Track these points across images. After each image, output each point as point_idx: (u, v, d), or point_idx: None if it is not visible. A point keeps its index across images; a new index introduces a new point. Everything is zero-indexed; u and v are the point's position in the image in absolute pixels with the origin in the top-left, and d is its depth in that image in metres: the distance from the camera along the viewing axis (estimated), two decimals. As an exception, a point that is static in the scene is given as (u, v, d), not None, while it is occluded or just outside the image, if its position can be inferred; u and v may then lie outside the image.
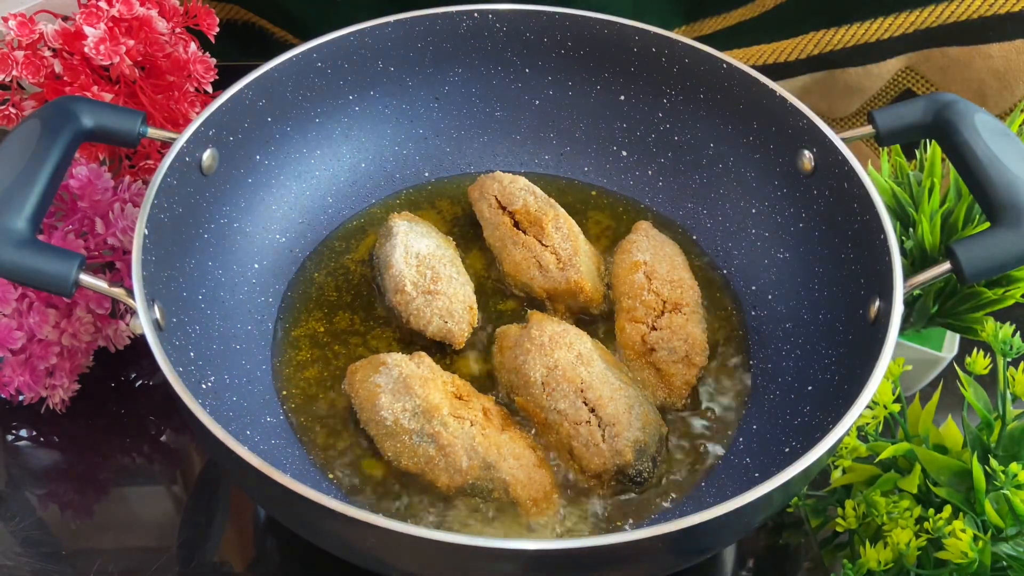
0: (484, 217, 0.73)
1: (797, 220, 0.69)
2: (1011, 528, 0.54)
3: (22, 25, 0.69)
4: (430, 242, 0.69)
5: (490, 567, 0.47)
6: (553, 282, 0.68)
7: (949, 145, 0.60)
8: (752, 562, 0.66)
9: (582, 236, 0.72)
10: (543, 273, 0.69)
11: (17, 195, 0.54)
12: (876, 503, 0.57)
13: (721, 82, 0.72)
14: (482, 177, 0.75)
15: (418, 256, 0.67)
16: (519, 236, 0.70)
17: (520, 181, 0.73)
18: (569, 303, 0.69)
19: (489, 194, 0.73)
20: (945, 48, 0.80)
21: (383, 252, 0.69)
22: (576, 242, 0.70)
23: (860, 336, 0.59)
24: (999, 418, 0.58)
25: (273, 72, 0.68)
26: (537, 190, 0.73)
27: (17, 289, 0.64)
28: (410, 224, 0.70)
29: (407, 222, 0.70)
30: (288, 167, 0.73)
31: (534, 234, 0.70)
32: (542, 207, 0.71)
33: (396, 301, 0.66)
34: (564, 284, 0.68)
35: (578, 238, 0.70)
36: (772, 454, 0.60)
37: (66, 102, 0.60)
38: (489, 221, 0.72)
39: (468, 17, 0.75)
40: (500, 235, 0.71)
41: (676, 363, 0.64)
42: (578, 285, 0.67)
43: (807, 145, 0.67)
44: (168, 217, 0.60)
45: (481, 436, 0.58)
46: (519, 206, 0.71)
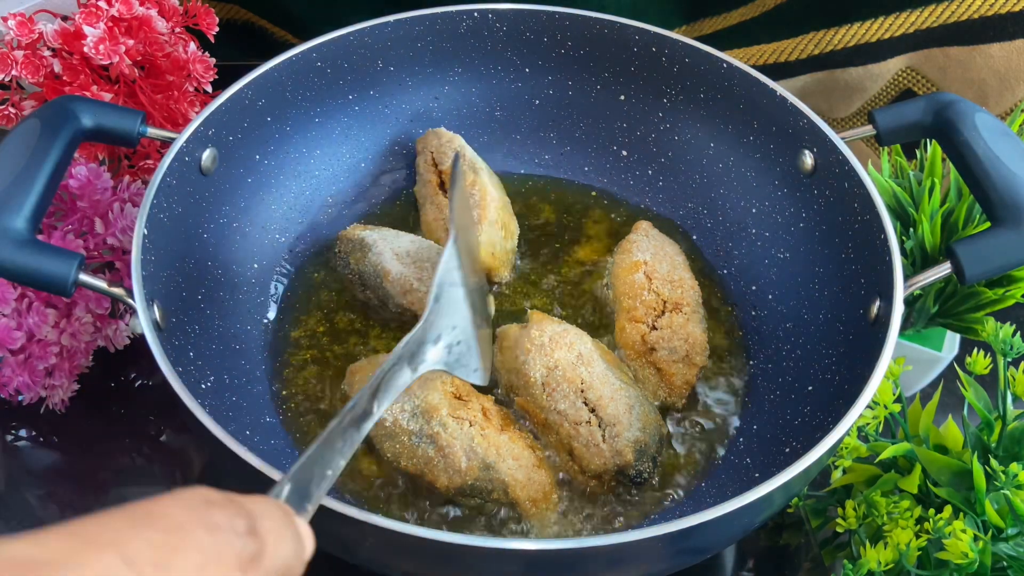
0: (419, 171, 0.74)
1: (797, 220, 0.69)
2: (1011, 528, 0.54)
3: (22, 25, 0.69)
4: (406, 239, 0.69)
5: (490, 567, 0.47)
6: None
7: (949, 145, 0.60)
8: (752, 562, 0.66)
9: (496, 206, 0.71)
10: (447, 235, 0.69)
11: (16, 195, 0.53)
12: (876, 503, 0.57)
13: (721, 82, 0.72)
14: (429, 131, 0.75)
15: (408, 254, 0.67)
16: (438, 196, 0.72)
17: (456, 141, 0.74)
18: None
19: (427, 149, 0.74)
20: (946, 48, 0.80)
21: (369, 264, 0.67)
22: (484, 211, 0.69)
23: (860, 336, 0.59)
24: (999, 418, 0.58)
25: (273, 72, 0.68)
26: (468, 153, 0.73)
27: (16, 289, 0.64)
28: (377, 230, 0.70)
29: (372, 230, 0.69)
30: (288, 167, 0.73)
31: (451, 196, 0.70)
32: (463, 171, 0.71)
33: (408, 302, 0.66)
34: None
35: (488, 207, 0.70)
36: (772, 454, 0.60)
37: (66, 102, 0.59)
38: (421, 176, 0.74)
39: (468, 17, 0.75)
40: (424, 192, 0.73)
41: (676, 363, 0.64)
42: None
43: (807, 145, 0.67)
44: (168, 217, 0.60)
45: (480, 436, 0.58)
46: (446, 166, 0.72)
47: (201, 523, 0.22)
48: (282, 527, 0.24)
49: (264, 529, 0.24)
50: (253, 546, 0.23)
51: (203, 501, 0.23)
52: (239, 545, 0.22)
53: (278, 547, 0.24)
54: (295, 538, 0.25)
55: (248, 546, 0.23)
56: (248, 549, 0.23)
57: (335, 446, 0.39)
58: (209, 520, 0.22)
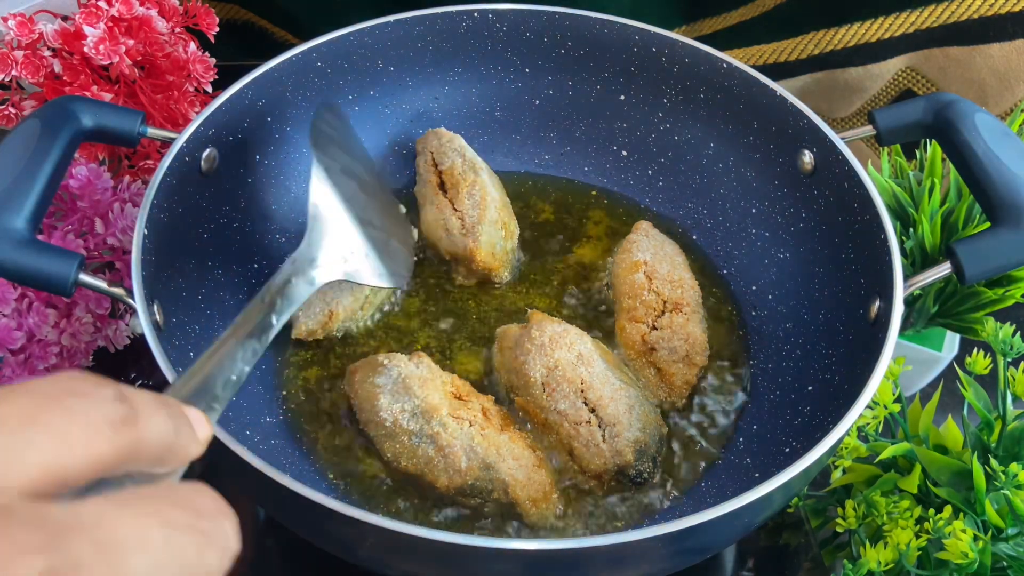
0: (419, 171, 0.74)
1: (797, 220, 0.69)
2: (1011, 528, 0.54)
3: (22, 25, 0.69)
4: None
5: (490, 567, 0.47)
6: (453, 246, 0.70)
7: (949, 145, 0.60)
8: (752, 562, 0.66)
9: (496, 206, 0.71)
10: (448, 236, 0.70)
11: (17, 195, 0.53)
12: (876, 503, 0.57)
13: (721, 82, 0.72)
14: (429, 131, 0.75)
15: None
16: (437, 196, 0.72)
17: (456, 141, 0.74)
18: (469, 268, 0.70)
19: (427, 150, 0.74)
20: (945, 48, 0.80)
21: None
22: (483, 211, 0.70)
23: (860, 336, 0.59)
24: (999, 418, 0.58)
25: (273, 72, 0.68)
26: (469, 153, 0.73)
27: (17, 289, 0.64)
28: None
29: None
30: (288, 167, 0.73)
31: (451, 197, 0.71)
32: (464, 171, 0.71)
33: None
34: (461, 249, 0.69)
35: (487, 208, 0.70)
36: (772, 454, 0.60)
37: (66, 102, 0.59)
38: (421, 176, 0.74)
39: (468, 17, 0.75)
40: (424, 192, 0.73)
41: (676, 363, 0.64)
42: (471, 252, 0.68)
43: (807, 145, 0.67)
44: (168, 217, 0.60)
45: (480, 436, 0.58)
46: (446, 166, 0.72)
47: (68, 390, 0.22)
48: (155, 403, 0.24)
49: (135, 399, 0.23)
50: (123, 409, 0.22)
51: (69, 376, 0.22)
52: (108, 408, 0.22)
53: (152, 417, 0.23)
54: (172, 416, 0.24)
55: (118, 409, 0.22)
56: (118, 411, 0.22)
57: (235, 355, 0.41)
58: (76, 387, 0.22)
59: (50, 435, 0.20)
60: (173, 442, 0.24)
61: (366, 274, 0.60)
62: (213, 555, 0.22)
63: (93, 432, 0.21)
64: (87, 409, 0.21)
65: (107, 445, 0.21)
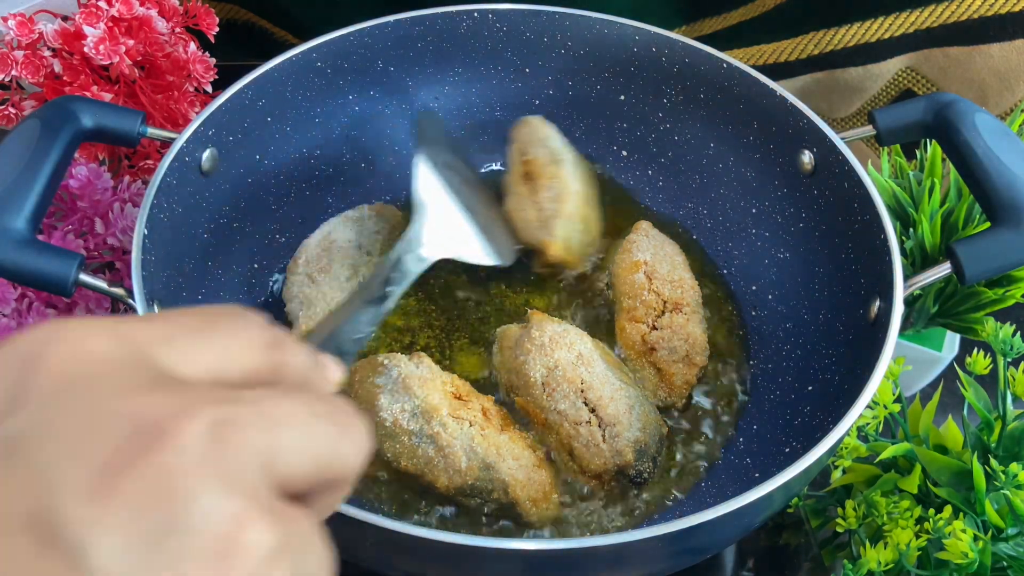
0: (510, 158, 0.74)
1: (797, 220, 0.69)
2: (1011, 528, 0.54)
3: (22, 25, 0.69)
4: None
5: (490, 567, 0.47)
6: (529, 237, 0.69)
7: (949, 145, 0.60)
8: (752, 562, 0.66)
9: (576, 200, 0.71)
10: (524, 226, 0.70)
11: (17, 195, 0.53)
12: (876, 503, 0.57)
13: (721, 82, 0.72)
14: (522, 119, 0.76)
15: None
16: (519, 187, 0.72)
17: (543, 131, 0.74)
18: (543, 260, 0.70)
19: (518, 138, 0.74)
20: (945, 48, 0.80)
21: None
22: (562, 205, 0.69)
23: (860, 336, 0.59)
24: (999, 418, 0.58)
25: (273, 72, 0.68)
26: (554, 144, 0.73)
27: (17, 289, 0.64)
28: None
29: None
30: (288, 167, 0.73)
31: (532, 188, 0.71)
32: (546, 163, 0.71)
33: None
34: (535, 242, 0.69)
35: (566, 201, 0.70)
36: (772, 454, 0.60)
37: (66, 102, 0.59)
38: (510, 164, 0.74)
39: (468, 17, 0.75)
40: (509, 181, 0.73)
41: (676, 363, 0.64)
42: (543, 245, 0.68)
43: (807, 145, 0.67)
44: (168, 217, 0.60)
45: (480, 437, 0.58)
46: (530, 156, 0.72)
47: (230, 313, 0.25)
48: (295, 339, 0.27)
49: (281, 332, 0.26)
50: (273, 335, 0.25)
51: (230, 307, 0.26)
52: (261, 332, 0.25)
53: (295, 347, 0.26)
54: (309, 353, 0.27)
55: (269, 334, 0.25)
56: (269, 336, 0.25)
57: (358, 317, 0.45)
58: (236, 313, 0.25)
59: (216, 345, 0.23)
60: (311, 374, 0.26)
61: (471, 252, 0.63)
62: (349, 447, 0.24)
63: (248, 348, 0.24)
64: (246, 328, 0.24)
65: (259, 360, 0.24)
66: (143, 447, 0.19)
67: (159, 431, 0.19)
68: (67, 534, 0.18)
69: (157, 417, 0.19)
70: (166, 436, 0.19)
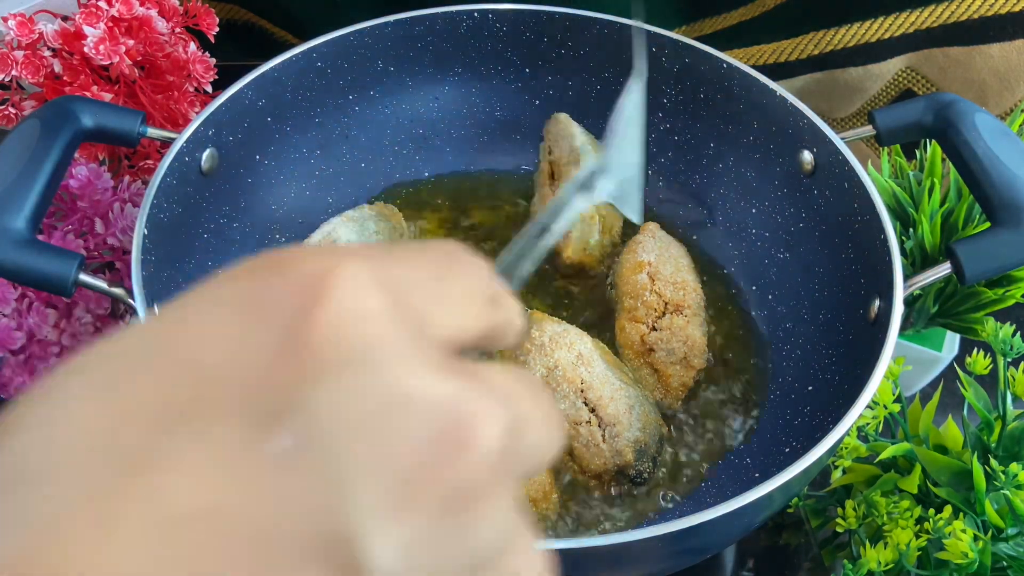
0: (541, 155, 0.75)
1: (797, 220, 0.69)
2: (1011, 528, 0.54)
3: (22, 25, 0.69)
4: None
5: (490, 567, 0.47)
6: None
7: (949, 145, 0.60)
8: (752, 562, 0.66)
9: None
10: None
11: (17, 195, 0.54)
12: (876, 503, 0.57)
13: (721, 82, 0.72)
14: (552, 116, 0.76)
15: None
16: (544, 187, 0.72)
17: (568, 128, 0.74)
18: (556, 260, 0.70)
19: (547, 135, 0.75)
20: (945, 48, 0.79)
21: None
22: None
23: (860, 336, 0.59)
24: (999, 418, 0.58)
25: (273, 72, 0.68)
26: (578, 142, 0.73)
27: (17, 289, 0.64)
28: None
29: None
30: (288, 167, 0.73)
31: (555, 188, 0.71)
32: (568, 163, 0.71)
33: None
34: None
35: None
36: (772, 454, 0.60)
37: (66, 102, 0.59)
38: (540, 160, 0.75)
39: (468, 17, 0.74)
40: (537, 179, 0.74)
41: (674, 364, 0.64)
42: (558, 248, 0.69)
43: (807, 145, 0.67)
44: (168, 217, 0.60)
45: (481, 436, 0.58)
46: (555, 155, 0.72)
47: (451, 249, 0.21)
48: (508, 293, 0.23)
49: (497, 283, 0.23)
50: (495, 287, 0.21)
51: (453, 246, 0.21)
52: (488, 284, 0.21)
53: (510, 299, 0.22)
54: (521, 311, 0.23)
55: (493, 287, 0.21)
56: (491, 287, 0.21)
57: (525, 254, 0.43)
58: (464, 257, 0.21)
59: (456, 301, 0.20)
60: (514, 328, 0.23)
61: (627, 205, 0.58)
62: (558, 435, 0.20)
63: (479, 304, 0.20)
64: (477, 276, 0.20)
65: (484, 321, 0.20)
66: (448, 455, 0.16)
67: (460, 437, 0.16)
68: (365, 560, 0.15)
69: (457, 418, 0.16)
70: (467, 445, 0.16)
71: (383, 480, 0.15)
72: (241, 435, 0.15)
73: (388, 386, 0.16)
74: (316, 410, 0.15)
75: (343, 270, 0.17)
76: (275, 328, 0.16)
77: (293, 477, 0.15)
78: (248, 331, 0.16)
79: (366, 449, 0.15)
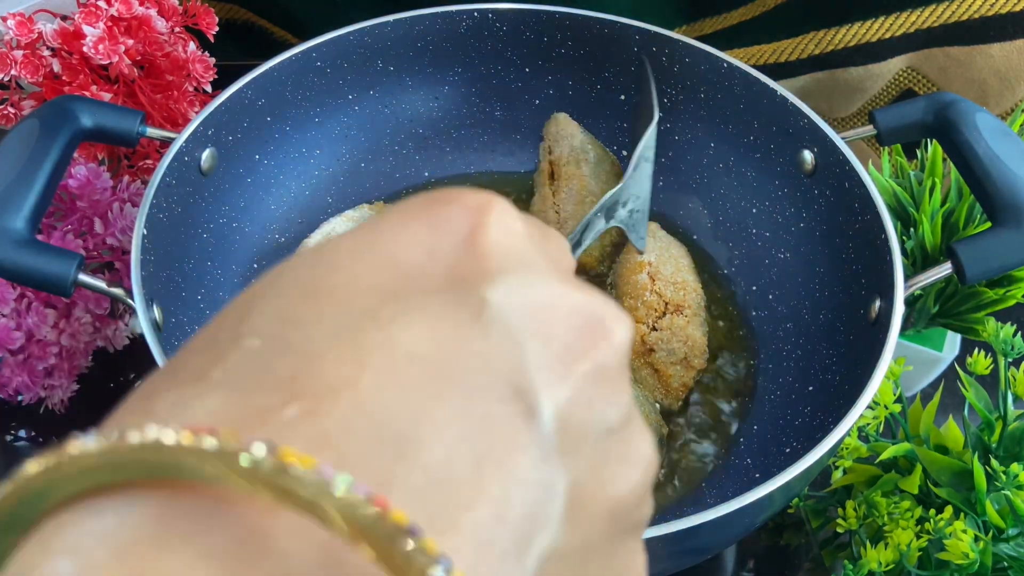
0: (541, 155, 0.75)
1: (798, 220, 0.69)
2: (1012, 529, 0.54)
3: (21, 24, 0.69)
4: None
5: (490, 568, 0.47)
6: None
7: (950, 145, 0.60)
8: (752, 563, 0.66)
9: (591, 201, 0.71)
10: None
11: (16, 195, 0.53)
12: (877, 504, 0.57)
13: (721, 82, 0.71)
14: (552, 116, 0.77)
15: None
16: (544, 187, 0.72)
17: (568, 128, 0.74)
18: None
19: (546, 135, 0.75)
20: (946, 48, 0.79)
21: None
22: (577, 206, 0.70)
23: (861, 336, 0.59)
24: (1000, 418, 0.58)
25: (272, 72, 0.68)
26: (578, 142, 0.73)
27: (16, 289, 0.64)
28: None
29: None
30: (288, 167, 0.73)
31: (555, 188, 0.71)
32: (567, 163, 0.71)
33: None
34: None
35: (582, 203, 0.70)
36: (773, 454, 0.60)
37: (65, 101, 0.59)
38: (540, 160, 0.75)
39: (468, 17, 0.74)
40: (537, 180, 0.74)
41: (674, 364, 0.64)
42: None
43: (808, 145, 0.67)
44: (167, 217, 0.60)
45: (481, 436, 0.58)
46: (555, 155, 0.72)
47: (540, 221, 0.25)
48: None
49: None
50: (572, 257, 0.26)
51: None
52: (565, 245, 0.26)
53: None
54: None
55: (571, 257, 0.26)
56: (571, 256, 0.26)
57: None
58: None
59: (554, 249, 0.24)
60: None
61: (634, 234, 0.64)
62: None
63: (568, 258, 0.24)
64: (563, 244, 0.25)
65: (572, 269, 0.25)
66: (594, 340, 0.20)
67: (602, 329, 0.21)
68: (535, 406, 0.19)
69: (598, 315, 0.21)
70: (610, 335, 0.21)
71: (550, 350, 0.20)
72: (444, 307, 0.19)
73: (545, 285, 0.21)
74: (497, 297, 0.20)
75: (497, 203, 0.22)
76: (456, 238, 0.21)
77: (490, 340, 0.19)
78: (436, 239, 0.21)
79: (536, 326, 0.20)
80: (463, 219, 0.21)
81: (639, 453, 0.23)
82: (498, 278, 0.20)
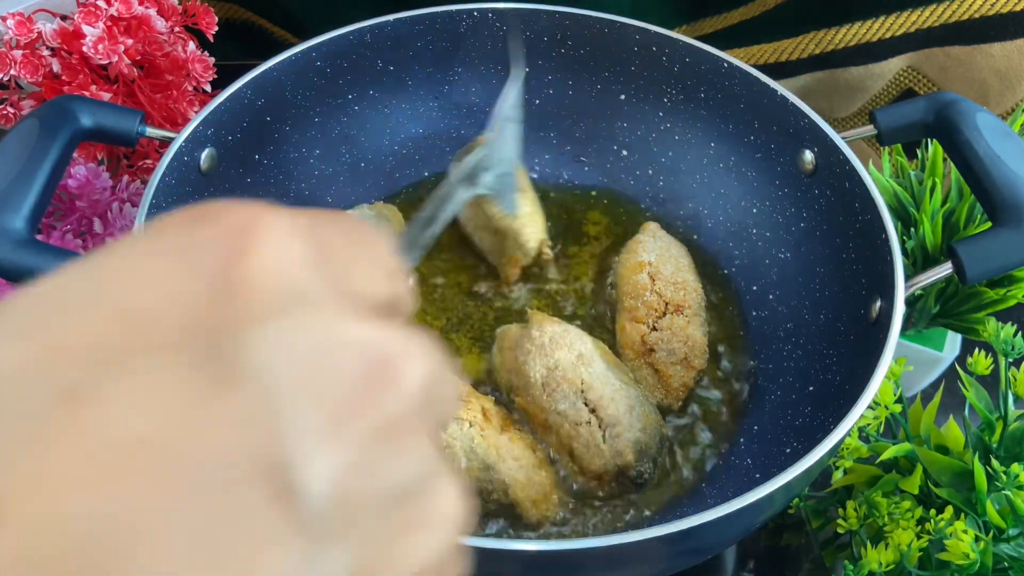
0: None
1: (798, 220, 0.69)
2: (1012, 529, 0.54)
3: (20, 24, 0.69)
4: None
5: (490, 567, 0.47)
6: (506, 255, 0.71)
7: (950, 144, 0.60)
8: (753, 563, 0.66)
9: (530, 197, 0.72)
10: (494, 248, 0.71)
11: (15, 195, 0.53)
12: (877, 504, 0.57)
13: (722, 82, 0.71)
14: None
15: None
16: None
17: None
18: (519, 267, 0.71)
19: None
20: (947, 48, 0.79)
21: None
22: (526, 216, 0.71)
23: (861, 336, 0.59)
24: (1000, 418, 0.58)
25: (272, 71, 0.68)
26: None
27: (15, 289, 0.63)
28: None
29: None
30: (287, 167, 0.73)
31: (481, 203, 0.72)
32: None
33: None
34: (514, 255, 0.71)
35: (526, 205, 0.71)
36: (773, 455, 0.60)
37: (64, 101, 0.59)
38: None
39: (468, 16, 0.74)
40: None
41: (674, 364, 0.64)
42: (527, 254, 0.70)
43: (808, 145, 0.67)
44: (167, 217, 0.60)
45: (480, 437, 0.58)
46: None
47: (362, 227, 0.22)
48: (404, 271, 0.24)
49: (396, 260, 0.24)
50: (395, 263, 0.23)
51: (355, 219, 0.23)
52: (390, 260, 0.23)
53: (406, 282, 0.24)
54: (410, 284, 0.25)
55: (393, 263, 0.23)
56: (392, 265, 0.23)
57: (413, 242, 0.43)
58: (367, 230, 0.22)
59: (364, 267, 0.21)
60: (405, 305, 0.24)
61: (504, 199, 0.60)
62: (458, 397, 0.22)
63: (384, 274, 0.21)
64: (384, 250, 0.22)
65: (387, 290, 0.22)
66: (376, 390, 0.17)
67: (389, 375, 0.17)
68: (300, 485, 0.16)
69: (383, 357, 0.18)
70: (395, 382, 0.17)
71: (318, 410, 0.16)
72: (177, 370, 0.16)
73: (320, 327, 0.17)
74: (252, 348, 0.16)
75: (268, 220, 0.18)
76: (206, 274, 0.17)
77: (230, 408, 0.16)
78: (179, 277, 0.17)
79: (301, 382, 0.16)
80: (220, 247, 0.17)
81: (441, 513, 0.19)
82: (259, 324, 0.16)
